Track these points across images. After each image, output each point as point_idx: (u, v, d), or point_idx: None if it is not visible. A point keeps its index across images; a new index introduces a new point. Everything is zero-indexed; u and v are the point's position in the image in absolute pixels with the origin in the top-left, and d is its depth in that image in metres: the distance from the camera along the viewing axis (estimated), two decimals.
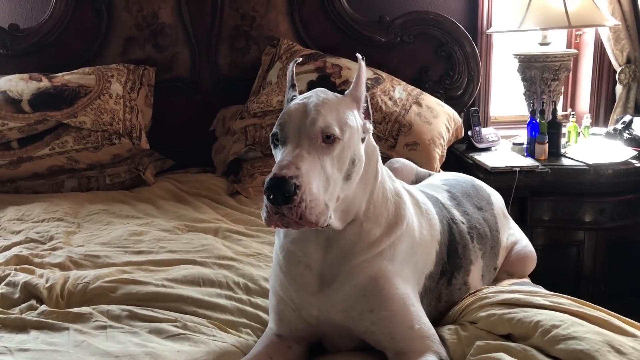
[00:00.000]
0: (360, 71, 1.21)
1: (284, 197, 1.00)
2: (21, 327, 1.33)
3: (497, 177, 2.39)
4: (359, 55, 1.23)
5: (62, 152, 2.33)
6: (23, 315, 1.37)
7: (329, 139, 1.08)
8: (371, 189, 1.21)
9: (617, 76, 3.00)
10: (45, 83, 2.41)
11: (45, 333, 1.30)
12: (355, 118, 1.17)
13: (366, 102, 1.23)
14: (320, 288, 1.20)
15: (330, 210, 1.08)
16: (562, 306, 1.16)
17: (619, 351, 0.99)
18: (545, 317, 1.12)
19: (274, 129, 1.13)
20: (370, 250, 1.19)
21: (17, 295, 1.47)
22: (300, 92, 1.24)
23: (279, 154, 1.11)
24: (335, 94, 1.20)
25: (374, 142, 1.25)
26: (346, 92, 1.22)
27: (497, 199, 1.68)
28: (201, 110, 2.74)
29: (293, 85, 1.28)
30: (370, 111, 1.24)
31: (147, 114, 2.57)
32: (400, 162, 1.80)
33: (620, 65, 2.97)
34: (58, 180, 2.38)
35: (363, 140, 1.19)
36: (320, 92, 1.18)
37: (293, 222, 1.04)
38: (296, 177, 1.01)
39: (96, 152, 2.35)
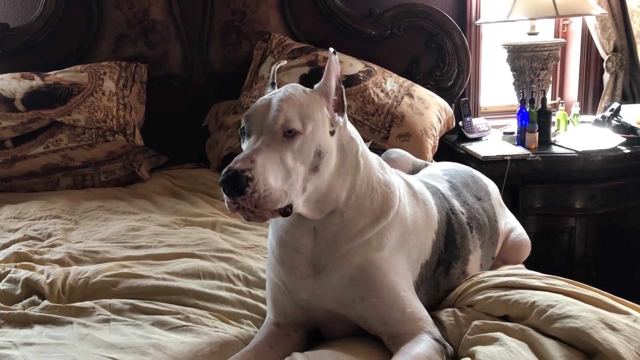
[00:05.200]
0: (330, 65, 1.22)
1: (236, 189, 1.04)
2: (24, 322, 1.35)
3: (489, 166, 2.42)
4: (331, 50, 1.24)
5: (56, 150, 2.34)
6: (26, 311, 1.39)
7: (290, 133, 1.11)
8: (352, 180, 1.22)
9: (604, 64, 3.04)
10: (37, 81, 2.41)
11: (49, 327, 1.32)
12: (323, 113, 1.19)
13: (339, 95, 1.23)
14: (310, 273, 1.23)
15: (290, 198, 1.11)
16: (557, 287, 1.19)
17: (612, 328, 1.03)
18: (541, 297, 1.15)
19: (242, 123, 1.17)
20: (355, 240, 1.22)
21: (18, 292, 1.49)
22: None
23: (244, 146, 1.15)
24: (305, 89, 1.21)
25: (352, 135, 1.26)
26: (315, 86, 1.23)
27: (493, 189, 1.71)
28: (194, 106, 2.75)
29: (273, 84, 1.31)
30: (345, 103, 1.24)
31: (140, 110, 2.58)
32: (397, 152, 1.83)
33: (607, 54, 3.01)
34: (53, 179, 2.39)
35: (332, 133, 1.20)
36: (290, 88, 1.20)
37: (251, 213, 1.08)
38: (249, 170, 1.05)
39: (90, 150, 2.36)
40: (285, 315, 1.30)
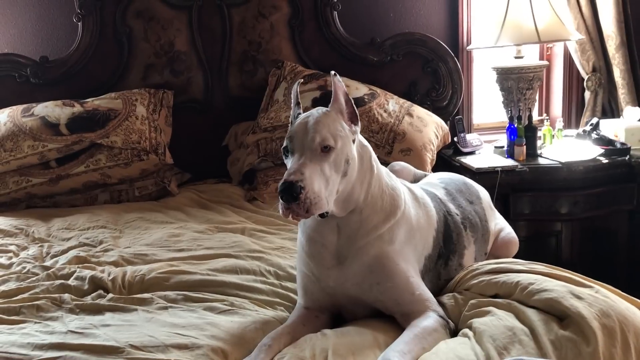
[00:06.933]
0: (335, 86, 1.48)
1: (292, 196, 1.31)
2: (97, 310, 1.60)
3: (482, 177, 2.62)
4: (332, 72, 1.49)
5: (96, 169, 2.60)
6: (96, 301, 1.65)
7: (326, 149, 1.38)
8: (368, 182, 1.48)
9: (585, 83, 3.29)
10: (78, 108, 2.69)
11: (118, 314, 1.57)
12: (343, 127, 1.45)
13: (350, 106, 1.50)
14: (335, 264, 1.49)
15: (330, 202, 1.37)
16: (536, 269, 1.47)
17: (578, 297, 1.30)
18: (523, 277, 1.42)
19: (284, 143, 1.44)
20: (371, 235, 1.48)
21: (86, 287, 1.74)
22: (305, 109, 1.53)
23: (288, 163, 1.41)
24: (324, 109, 1.47)
25: (364, 142, 1.53)
26: (329, 105, 1.49)
27: (484, 194, 1.97)
28: (214, 127, 3.01)
29: (298, 104, 1.56)
30: (357, 112, 1.51)
31: (167, 132, 2.85)
32: (400, 165, 2.10)
33: (587, 74, 3.27)
34: (92, 194, 2.65)
35: (353, 141, 1.47)
36: (315, 112, 1.46)
37: (302, 214, 1.33)
38: (301, 181, 1.31)
39: (127, 168, 2.62)
40: (314, 300, 1.55)
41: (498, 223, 1.98)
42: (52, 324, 1.52)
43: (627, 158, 2.80)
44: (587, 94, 3.32)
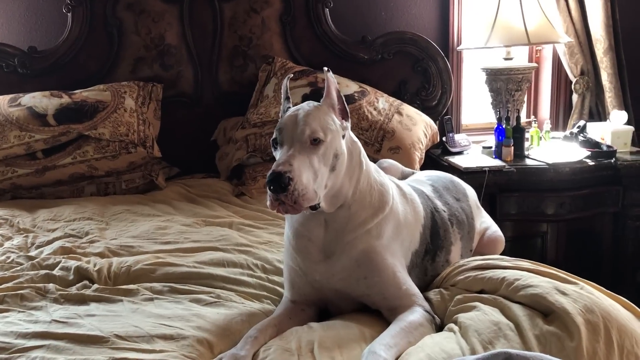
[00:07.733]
0: (328, 81, 1.49)
1: (280, 187, 1.30)
2: (82, 300, 1.59)
3: (470, 177, 2.63)
4: (325, 68, 1.50)
5: (83, 161, 2.58)
6: (82, 291, 1.64)
7: (316, 142, 1.38)
8: (357, 178, 1.49)
9: (573, 86, 3.32)
10: (66, 99, 2.67)
11: (103, 304, 1.56)
12: (334, 121, 1.45)
13: (341, 103, 1.50)
14: (322, 258, 1.49)
15: (318, 195, 1.37)
16: (522, 266, 1.48)
17: (563, 293, 1.31)
18: (509, 274, 1.43)
19: (274, 135, 1.44)
20: (359, 229, 1.48)
21: (71, 277, 1.73)
22: (295, 104, 1.53)
23: (277, 155, 1.41)
24: (316, 103, 1.47)
25: (354, 138, 1.54)
26: (321, 100, 1.49)
27: (471, 192, 1.98)
28: (203, 122, 3.01)
29: (288, 98, 1.56)
30: (347, 109, 1.52)
31: (156, 126, 2.84)
32: (388, 162, 2.11)
33: (575, 77, 3.30)
34: (79, 186, 2.63)
35: (343, 136, 1.47)
36: (305, 105, 1.47)
37: (290, 207, 1.33)
38: (289, 172, 1.31)
39: (114, 160, 2.61)
40: (300, 294, 1.55)
41: (484, 221, 1.99)
42: (36, 313, 1.51)
43: (612, 161, 2.83)
44: (575, 97, 3.35)
